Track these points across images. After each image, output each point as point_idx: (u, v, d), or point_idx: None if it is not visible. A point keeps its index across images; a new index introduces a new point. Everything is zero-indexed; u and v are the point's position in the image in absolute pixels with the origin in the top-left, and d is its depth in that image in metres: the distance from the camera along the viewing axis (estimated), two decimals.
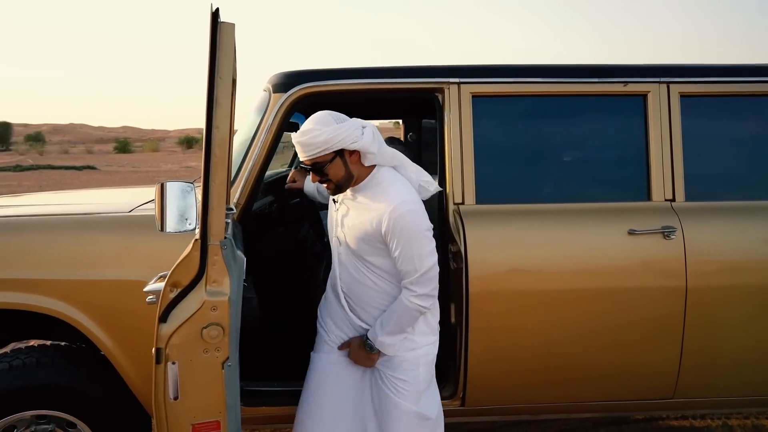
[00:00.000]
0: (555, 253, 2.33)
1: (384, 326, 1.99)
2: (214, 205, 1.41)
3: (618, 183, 2.51)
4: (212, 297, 1.51)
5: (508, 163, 2.51)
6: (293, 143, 1.98)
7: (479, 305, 2.31)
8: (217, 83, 1.31)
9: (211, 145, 1.37)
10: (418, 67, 2.44)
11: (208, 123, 1.33)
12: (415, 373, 2.06)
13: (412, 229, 1.91)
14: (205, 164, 1.37)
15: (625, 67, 2.48)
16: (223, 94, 1.35)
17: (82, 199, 3.12)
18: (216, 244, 1.47)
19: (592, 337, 2.37)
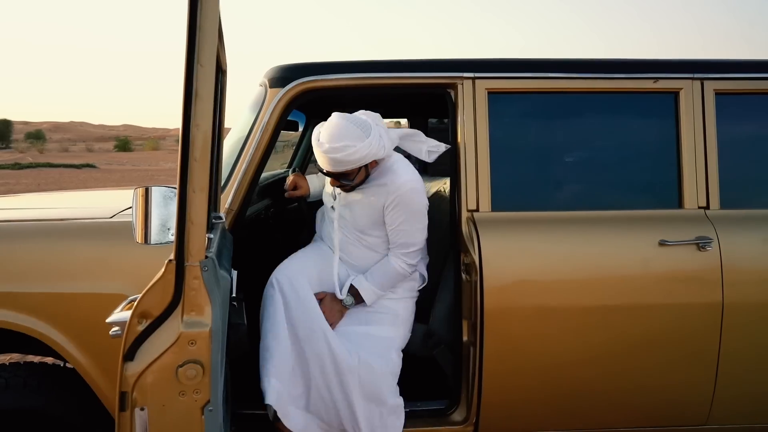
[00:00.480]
0: (578, 266, 2.12)
1: (370, 279, 2.17)
2: (192, 218, 1.16)
3: (647, 189, 2.29)
4: (190, 329, 1.24)
5: (527, 166, 2.29)
6: (317, 152, 2.01)
7: (495, 323, 2.09)
8: (196, 71, 1.06)
9: (189, 146, 1.12)
10: (429, 60, 2.22)
11: (185, 120, 1.09)
12: (393, 307, 2.22)
13: (413, 206, 2.11)
14: (181, 170, 1.12)
15: (655, 62, 2.26)
16: (205, 86, 1.10)
17: (65, 203, 2.90)
18: (195, 265, 1.20)
19: (620, 358, 2.15)
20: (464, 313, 2.21)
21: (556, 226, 2.16)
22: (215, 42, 1.07)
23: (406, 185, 2.09)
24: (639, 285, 2.12)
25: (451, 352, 2.33)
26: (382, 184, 2.11)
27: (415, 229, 2.15)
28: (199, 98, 1.11)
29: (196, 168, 1.14)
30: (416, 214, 2.13)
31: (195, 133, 1.11)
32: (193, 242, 1.17)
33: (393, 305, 2.26)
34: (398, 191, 2.07)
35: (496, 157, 2.19)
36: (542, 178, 2.29)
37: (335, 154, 1.96)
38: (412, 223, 2.13)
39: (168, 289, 1.21)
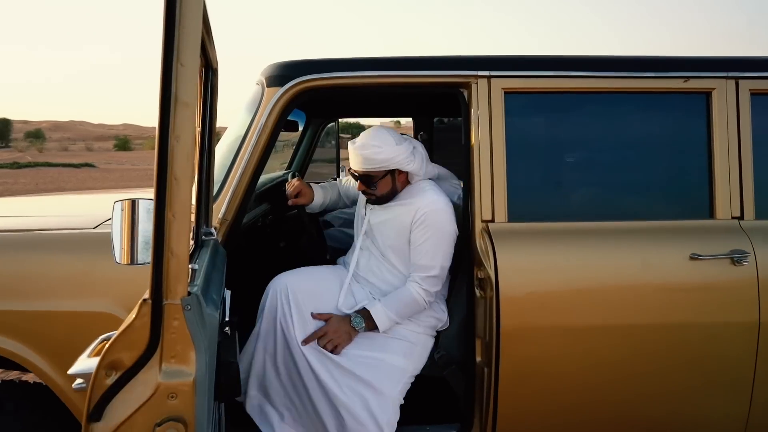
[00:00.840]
0: (603, 282, 1.94)
1: (386, 304, 2.05)
2: (172, 248, 0.95)
3: (676, 197, 2.11)
4: (170, 379, 1.01)
5: (547, 173, 2.11)
6: (350, 149, 2.09)
7: (513, 342, 1.92)
8: (176, 72, 0.87)
9: (168, 162, 0.90)
10: (441, 57, 2.04)
11: (161, 131, 0.88)
12: (411, 338, 2.09)
13: (440, 226, 2.05)
14: (157, 191, 0.91)
15: (685, 60, 2.08)
16: (186, 89, 0.90)
17: (48, 210, 2.72)
18: (175, 303, 0.98)
19: (648, 381, 1.97)
20: (477, 332, 2.03)
21: (578, 239, 1.98)
22: (199, 36, 0.88)
23: (434, 204, 2.06)
24: (669, 303, 1.95)
25: (462, 372, 2.15)
26: (410, 203, 2.09)
27: (437, 252, 2.06)
28: (179, 104, 0.90)
29: (176, 189, 0.93)
30: (441, 236, 2.06)
31: (174, 146, 0.91)
32: (173, 276, 0.96)
33: (411, 336, 2.10)
34: (425, 208, 2.04)
35: (513, 163, 2.01)
36: (563, 186, 2.11)
37: (364, 151, 2.05)
38: (436, 245, 2.05)
39: (143, 333, 0.97)
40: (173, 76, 0.86)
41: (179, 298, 0.93)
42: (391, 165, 2.06)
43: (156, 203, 0.87)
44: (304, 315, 2.04)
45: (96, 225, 2.02)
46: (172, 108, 0.86)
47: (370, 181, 2.09)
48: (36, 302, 1.82)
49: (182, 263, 0.91)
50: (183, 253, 0.90)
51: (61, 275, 1.84)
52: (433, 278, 2.06)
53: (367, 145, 2.05)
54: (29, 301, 1.82)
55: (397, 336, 2.08)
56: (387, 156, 2.04)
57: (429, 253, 2.04)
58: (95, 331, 1.85)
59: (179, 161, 0.89)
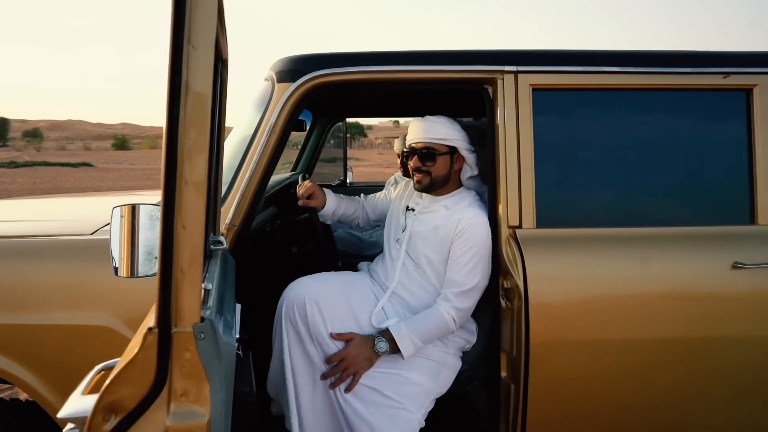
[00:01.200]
0: (639, 293, 1.81)
1: (411, 327, 1.89)
2: (182, 265, 0.79)
3: (716, 201, 1.97)
4: (180, 421, 0.83)
5: (578, 175, 1.97)
6: (415, 122, 2.02)
7: (543, 358, 1.78)
8: (186, 56, 0.71)
9: (177, 162, 0.74)
10: (465, 51, 1.90)
11: (170, 126, 0.72)
12: (438, 359, 1.96)
13: (481, 242, 1.91)
14: (165, 197, 0.75)
15: (725, 55, 1.94)
16: (199, 76, 0.74)
17: (42, 214, 2.57)
18: (186, 331, 0.81)
19: (689, 399, 1.84)
20: (503, 345, 1.90)
21: (612, 246, 1.84)
22: (214, 11, 0.74)
23: (478, 218, 1.93)
24: (711, 315, 1.81)
25: (486, 388, 2.02)
26: (454, 212, 1.98)
27: (474, 266, 1.91)
28: (190, 94, 0.74)
29: (187, 195, 0.76)
30: (480, 251, 1.91)
31: (185, 144, 0.75)
32: (184, 299, 0.79)
33: (439, 356, 1.96)
34: (469, 221, 1.92)
35: (542, 166, 1.87)
36: (594, 190, 1.96)
37: (429, 121, 2.00)
38: (474, 259, 1.91)
39: (147, 367, 0.79)
40: (183, 60, 0.71)
41: (191, 325, 0.77)
42: (455, 142, 1.98)
43: (163, 212, 0.72)
44: (321, 329, 1.90)
45: (93, 231, 1.88)
46: (182, 99, 0.71)
47: (430, 156, 1.98)
48: (27, 315, 1.68)
49: (194, 283, 0.76)
50: (195, 271, 0.75)
51: (54, 285, 1.70)
52: (465, 294, 1.91)
53: (430, 117, 2.01)
54: (20, 313, 1.68)
55: (424, 355, 1.94)
56: (452, 131, 1.98)
57: (467, 267, 1.91)
58: (92, 346, 1.72)
59: (191, 162, 0.74)
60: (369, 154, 36.67)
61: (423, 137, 1.99)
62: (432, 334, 1.91)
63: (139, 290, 1.68)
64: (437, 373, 1.94)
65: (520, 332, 1.78)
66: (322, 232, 2.18)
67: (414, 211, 2.08)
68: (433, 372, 1.93)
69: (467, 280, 1.90)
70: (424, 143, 1.99)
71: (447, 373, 1.98)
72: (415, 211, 2.08)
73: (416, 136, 2.01)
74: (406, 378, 1.88)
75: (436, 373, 1.94)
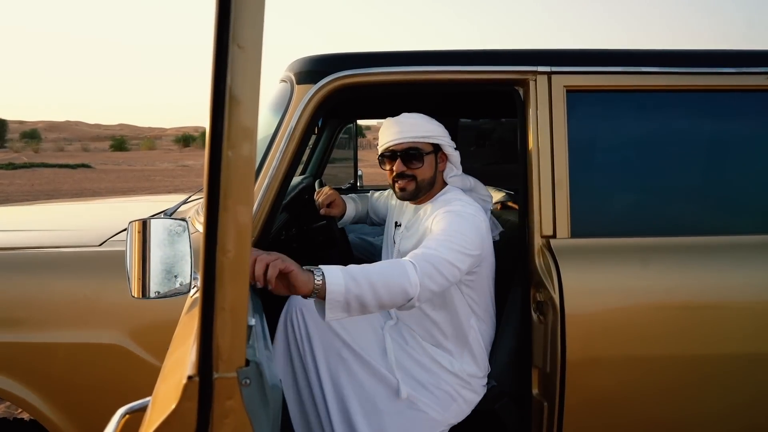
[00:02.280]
0: (684, 305, 1.70)
1: (358, 270, 1.39)
2: (226, 300, 0.65)
3: (759, 208, 1.86)
4: None
5: (616, 181, 1.87)
6: (388, 123, 1.85)
7: (580, 375, 1.68)
8: (232, 57, 0.61)
9: (221, 184, 0.62)
10: (496, 51, 1.79)
11: (213, 142, 0.61)
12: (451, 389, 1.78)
13: (459, 221, 1.67)
14: (207, 222, 0.63)
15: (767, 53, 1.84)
16: (246, 81, 0.63)
17: (45, 222, 2.46)
18: (230, 377, 0.69)
19: (735, 419, 1.74)
20: (535, 361, 1.79)
21: (653, 256, 1.74)
22: (263, 8, 0.63)
23: (462, 207, 1.75)
24: (760, 329, 1.71)
25: (516, 406, 1.91)
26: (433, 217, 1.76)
27: (446, 240, 1.57)
28: (235, 102, 0.63)
29: (234, 218, 0.63)
30: (457, 230, 1.62)
31: (230, 160, 0.63)
32: (226, 339, 0.67)
33: (449, 387, 1.79)
34: (449, 208, 1.73)
35: (578, 170, 1.77)
36: (633, 196, 1.86)
37: (406, 118, 1.84)
38: (447, 234, 1.60)
39: (187, 421, 0.66)
40: (228, 62, 0.60)
41: (235, 369, 0.66)
42: (437, 139, 1.84)
43: (205, 238, 0.61)
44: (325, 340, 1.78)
45: (102, 241, 1.77)
46: (226, 108, 0.60)
47: (416, 156, 1.81)
48: (31, 333, 1.58)
49: (239, 321, 0.64)
50: (240, 306, 0.64)
51: (60, 301, 1.60)
52: (430, 260, 1.50)
53: (410, 115, 1.85)
54: (23, 331, 1.57)
55: (432, 386, 1.79)
56: (434, 127, 1.84)
57: (437, 237, 1.59)
58: (101, 365, 1.61)
59: (237, 180, 0.63)
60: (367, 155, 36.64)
61: (405, 136, 1.81)
62: (378, 285, 1.39)
63: (152, 306, 1.58)
64: (447, 405, 1.79)
65: (555, 348, 1.68)
66: (340, 239, 2.07)
67: (401, 227, 1.93)
68: (444, 403, 1.79)
69: (436, 248, 1.55)
70: (408, 143, 1.81)
71: (460, 406, 1.82)
72: (401, 226, 1.94)
73: (396, 137, 1.81)
74: (410, 404, 1.75)
75: (447, 405, 1.79)
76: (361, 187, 3.88)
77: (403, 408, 1.73)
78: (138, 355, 1.60)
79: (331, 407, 1.73)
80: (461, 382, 1.81)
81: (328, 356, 1.77)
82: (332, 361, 1.77)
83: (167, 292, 1.14)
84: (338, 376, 1.76)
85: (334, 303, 1.33)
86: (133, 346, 1.59)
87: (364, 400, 1.73)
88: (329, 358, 1.77)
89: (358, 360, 1.77)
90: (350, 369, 1.76)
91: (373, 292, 1.37)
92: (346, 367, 1.76)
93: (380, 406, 1.73)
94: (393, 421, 1.72)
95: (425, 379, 1.79)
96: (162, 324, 1.56)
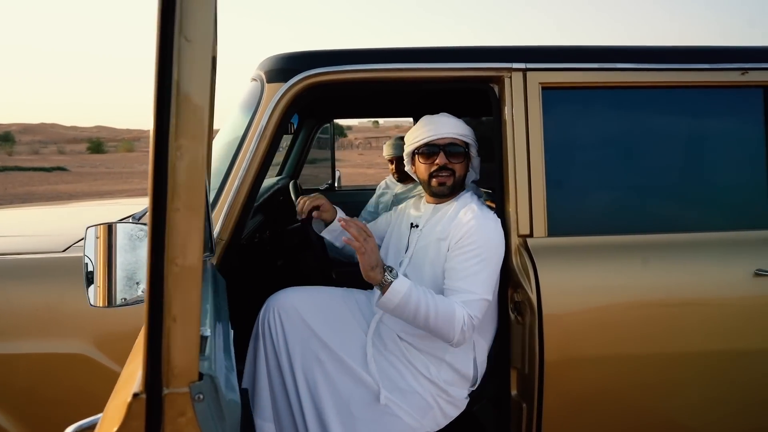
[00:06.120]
0: (659, 304, 1.69)
1: (417, 288, 1.60)
2: (175, 311, 0.61)
3: (736, 205, 1.87)
4: None
5: (592, 179, 1.85)
6: (434, 118, 1.82)
7: (558, 375, 1.66)
8: (178, 50, 0.56)
9: (168, 187, 0.58)
10: (471, 48, 1.77)
11: (158, 141, 0.57)
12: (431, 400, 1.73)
13: (493, 246, 1.69)
14: (153, 228, 0.59)
15: (743, 50, 1.84)
16: (195, 76, 0.58)
17: (12, 227, 2.37)
18: (181, 392, 0.64)
19: (713, 416, 1.73)
20: (513, 362, 1.77)
21: (628, 254, 1.73)
22: (213, 12, 0.58)
23: (491, 219, 1.73)
24: (734, 326, 1.71)
25: (495, 408, 1.89)
26: (462, 214, 1.75)
27: (479, 272, 1.65)
28: (183, 98, 0.58)
29: (181, 224, 0.59)
30: (491, 258, 1.68)
31: (177, 162, 0.58)
32: (177, 352, 0.62)
33: (428, 395, 1.74)
34: (480, 220, 1.70)
35: (553, 169, 1.75)
36: (610, 194, 1.85)
37: (450, 117, 1.84)
38: (483, 265, 1.66)
39: None
40: (175, 55, 0.56)
41: (187, 384, 0.62)
42: (471, 139, 1.83)
43: (151, 246, 0.56)
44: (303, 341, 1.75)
45: (66, 247, 1.71)
46: (172, 105, 0.56)
47: (457, 152, 1.81)
48: None
49: (190, 333, 0.60)
50: (191, 316, 0.60)
51: (22, 310, 1.53)
52: (475, 302, 1.63)
53: (446, 114, 1.85)
54: None
55: (411, 392, 1.74)
56: (467, 128, 1.84)
57: (474, 272, 1.64)
58: (66, 377, 1.55)
59: (185, 184, 0.58)
60: (349, 155, 36.49)
61: (450, 131, 1.79)
62: (431, 315, 1.58)
63: (118, 314, 1.52)
64: (424, 413, 1.74)
65: (533, 348, 1.66)
66: (316, 242, 2.03)
67: (418, 227, 1.87)
68: (422, 411, 1.73)
69: (475, 289, 1.64)
70: (451, 138, 1.79)
71: (436, 415, 1.76)
72: (419, 226, 1.87)
73: (441, 131, 1.79)
74: (389, 415, 1.70)
75: (424, 413, 1.73)
76: (339, 188, 3.84)
77: (380, 413, 1.69)
78: (105, 365, 1.54)
79: (306, 409, 1.69)
80: (439, 391, 1.75)
81: (305, 358, 1.73)
82: (309, 362, 1.73)
83: (132, 300, 1.10)
84: (314, 378, 1.72)
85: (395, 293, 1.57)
86: (100, 356, 1.53)
87: (339, 403, 1.70)
88: (306, 359, 1.73)
89: (336, 362, 1.74)
90: (327, 372, 1.73)
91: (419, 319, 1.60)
92: (323, 370, 1.73)
93: (356, 410, 1.69)
94: (368, 426, 1.68)
95: (404, 385, 1.75)
96: (130, 332, 1.50)
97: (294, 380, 1.71)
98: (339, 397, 1.70)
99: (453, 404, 1.78)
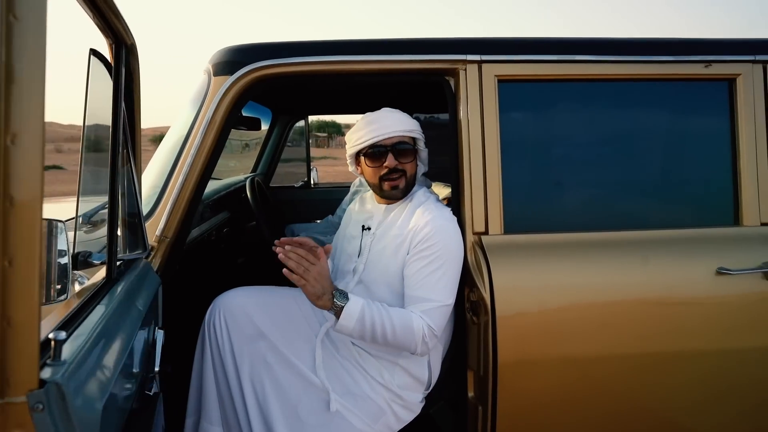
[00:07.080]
0: (616, 303, 1.65)
1: (371, 307, 1.54)
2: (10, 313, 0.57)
3: (697, 201, 1.82)
4: None
5: (549, 175, 1.80)
6: (379, 114, 1.71)
7: (512, 376, 1.61)
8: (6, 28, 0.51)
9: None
10: (423, 39, 1.72)
11: None
12: (383, 404, 1.67)
13: (452, 249, 1.63)
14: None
15: (706, 42, 1.79)
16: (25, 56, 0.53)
17: None
18: (19, 402, 0.59)
19: (671, 416, 1.69)
20: (469, 364, 1.72)
21: (586, 252, 1.68)
22: None
23: (449, 221, 1.65)
24: (694, 326, 1.66)
25: (452, 410, 1.84)
26: (417, 216, 1.67)
27: (443, 282, 1.59)
28: (11, 81, 0.53)
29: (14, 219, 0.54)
30: (452, 262, 1.62)
31: (10, 150, 0.53)
32: (13, 357, 0.57)
33: (381, 400, 1.68)
34: (437, 222, 1.62)
35: (510, 165, 1.70)
36: (568, 191, 1.80)
37: (392, 113, 1.72)
38: (444, 272, 1.59)
39: None
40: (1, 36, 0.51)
41: (24, 392, 0.57)
42: (418, 134, 1.73)
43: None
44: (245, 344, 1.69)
45: None
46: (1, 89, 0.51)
47: (406, 151, 1.70)
48: None
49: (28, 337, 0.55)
50: (29, 320, 0.55)
51: None
52: (435, 310, 1.57)
53: (390, 109, 1.74)
54: None
55: (362, 396, 1.68)
56: (412, 122, 1.73)
57: (434, 280, 1.58)
58: None
59: (19, 175, 0.53)
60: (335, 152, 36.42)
61: (395, 130, 1.68)
62: (389, 332, 1.53)
63: None
64: (377, 418, 1.67)
65: (487, 349, 1.61)
66: (270, 239, 1.98)
67: (371, 230, 1.78)
68: (374, 416, 1.67)
69: (437, 297, 1.58)
70: (398, 137, 1.68)
71: (389, 420, 1.70)
72: (371, 229, 1.78)
73: (386, 131, 1.67)
74: (337, 420, 1.64)
75: (376, 418, 1.67)
76: (315, 185, 3.78)
77: (329, 418, 1.64)
78: None
79: (251, 413, 1.64)
80: (393, 396, 1.69)
81: (253, 360, 1.68)
82: (256, 365, 1.68)
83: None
84: (262, 381, 1.66)
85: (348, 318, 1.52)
86: None
87: (287, 407, 1.64)
88: (254, 362, 1.68)
89: (285, 365, 1.68)
90: (275, 375, 1.67)
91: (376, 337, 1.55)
92: (270, 373, 1.67)
93: (304, 414, 1.64)
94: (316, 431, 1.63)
95: (356, 390, 1.69)
96: None
97: (239, 383, 1.66)
98: (287, 401, 1.65)
99: (407, 408, 1.73)
